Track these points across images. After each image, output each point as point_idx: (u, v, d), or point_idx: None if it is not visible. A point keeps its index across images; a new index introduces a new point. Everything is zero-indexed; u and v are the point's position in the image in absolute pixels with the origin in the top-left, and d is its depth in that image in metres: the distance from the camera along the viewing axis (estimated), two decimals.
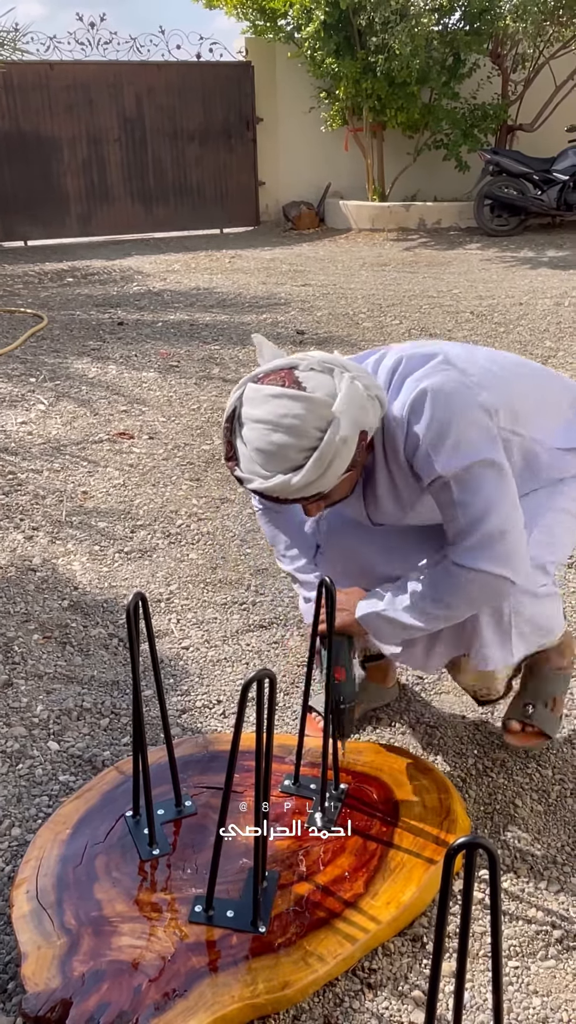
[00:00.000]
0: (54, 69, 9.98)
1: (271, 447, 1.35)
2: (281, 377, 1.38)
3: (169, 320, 6.21)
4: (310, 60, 9.76)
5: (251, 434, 1.37)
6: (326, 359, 1.41)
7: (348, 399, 1.35)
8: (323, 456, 1.34)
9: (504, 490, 1.45)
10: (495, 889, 1.04)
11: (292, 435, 1.33)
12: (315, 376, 1.38)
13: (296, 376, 1.37)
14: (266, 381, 1.38)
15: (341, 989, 1.44)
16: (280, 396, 1.34)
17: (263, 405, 1.36)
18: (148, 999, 1.32)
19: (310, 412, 1.33)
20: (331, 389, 1.36)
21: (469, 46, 9.36)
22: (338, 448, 1.34)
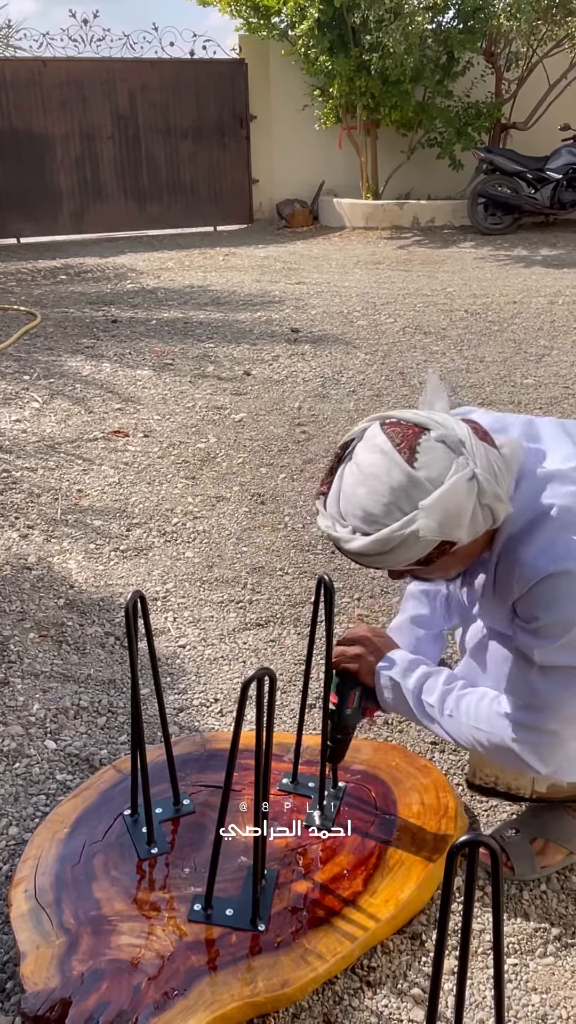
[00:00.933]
0: (47, 66, 9.94)
1: (353, 498, 1.24)
2: (404, 435, 1.23)
3: (163, 318, 6.20)
4: (304, 58, 9.74)
5: (348, 474, 1.27)
6: (465, 439, 1.23)
7: (445, 500, 1.19)
8: (387, 541, 1.21)
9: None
10: (496, 886, 1.04)
11: (374, 501, 1.22)
12: (438, 452, 1.21)
13: (418, 442, 1.22)
14: (389, 429, 1.24)
15: (340, 987, 1.44)
16: (387, 455, 1.21)
17: (370, 454, 1.24)
18: (147, 998, 1.32)
19: (403, 491, 1.20)
20: (441, 475, 1.20)
21: (463, 44, 9.35)
22: (407, 541, 1.21)
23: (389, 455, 1.21)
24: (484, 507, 1.23)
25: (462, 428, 1.24)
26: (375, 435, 1.25)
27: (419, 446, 1.21)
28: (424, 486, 1.19)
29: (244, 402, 4.41)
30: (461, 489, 1.19)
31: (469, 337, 5.51)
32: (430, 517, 1.19)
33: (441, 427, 1.23)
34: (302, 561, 2.86)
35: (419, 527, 1.19)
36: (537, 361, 4.97)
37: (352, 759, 1.83)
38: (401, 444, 1.22)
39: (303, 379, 4.75)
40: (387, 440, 1.23)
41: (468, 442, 1.22)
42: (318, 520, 1.31)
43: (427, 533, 1.19)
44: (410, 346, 5.34)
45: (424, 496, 1.19)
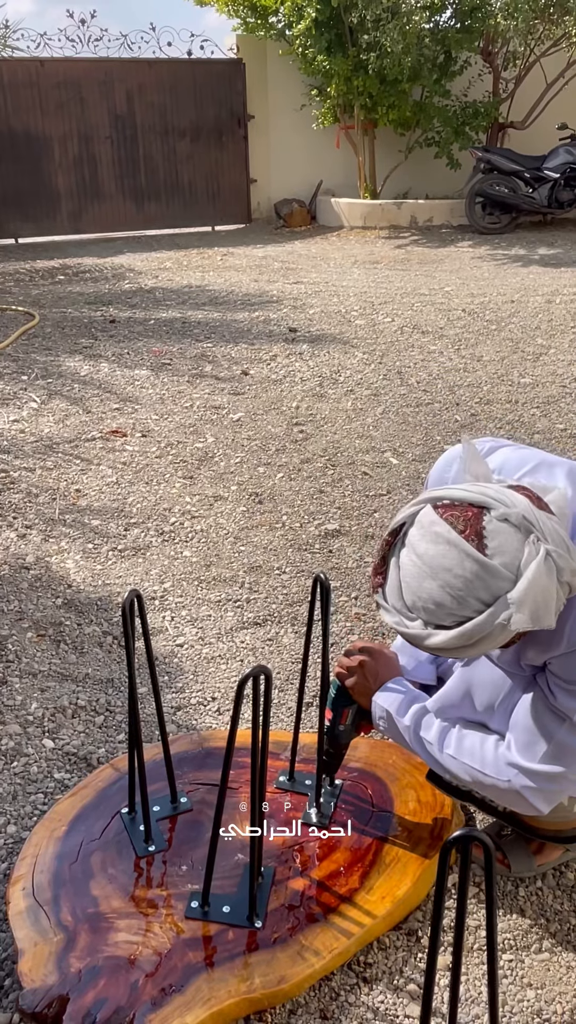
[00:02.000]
0: (44, 66, 9.94)
1: (421, 592, 1.17)
2: (466, 518, 1.15)
3: (161, 318, 6.20)
4: (301, 57, 9.75)
5: (407, 564, 1.19)
6: (528, 513, 1.15)
7: (533, 590, 1.12)
8: (473, 633, 1.14)
9: None
10: (490, 881, 1.05)
11: (448, 595, 1.14)
12: (505, 533, 1.14)
13: (482, 526, 1.14)
14: (447, 514, 1.17)
15: (337, 983, 1.45)
16: (453, 546, 1.14)
17: (432, 543, 1.16)
18: (145, 995, 1.33)
19: (480, 580, 1.13)
20: (516, 557, 1.13)
21: (460, 44, 9.36)
22: (494, 633, 1.14)
23: (457, 545, 1.14)
24: (563, 584, 1.17)
25: (522, 501, 1.17)
26: (433, 521, 1.17)
27: (485, 530, 1.14)
28: (501, 573, 1.13)
29: (242, 402, 4.41)
30: (542, 573, 1.13)
31: (467, 336, 5.52)
32: (522, 610, 1.12)
33: (501, 504, 1.16)
34: (299, 560, 2.87)
35: (512, 622, 1.12)
36: (534, 360, 4.97)
37: (349, 757, 1.84)
38: (466, 531, 1.15)
39: (301, 378, 4.76)
40: (449, 528, 1.16)
41: (532, 516, 1.16)
42: (383, 616, 1.23)
43: (520, 626, 1.12)
44: (408, 345, 5.34)
45: (502, 583, 1.13)
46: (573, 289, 6.76)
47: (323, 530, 3.06)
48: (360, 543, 2.98)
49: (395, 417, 4.15)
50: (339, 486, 3.43)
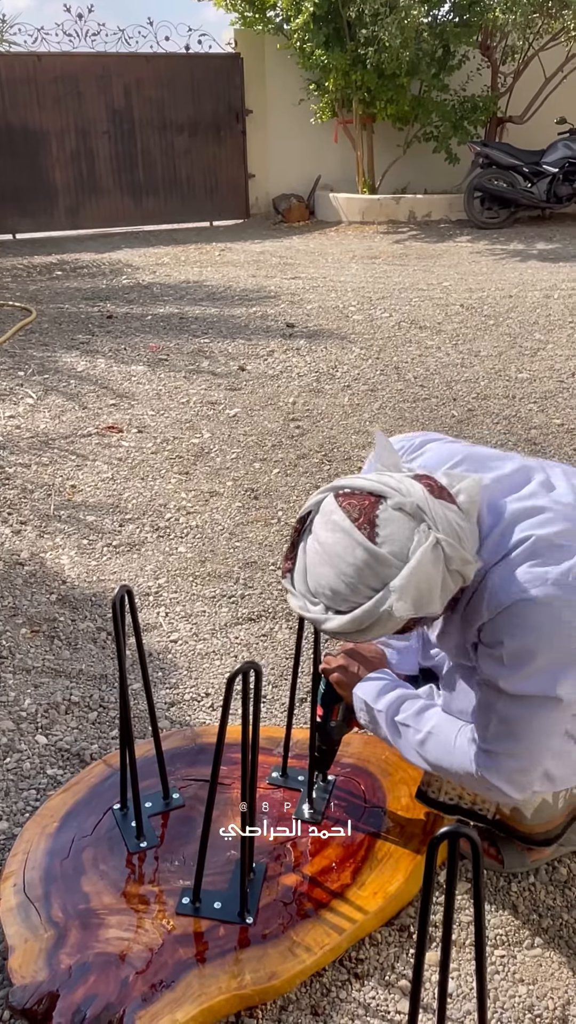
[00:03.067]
0: (42, 61, 9.90)
1: (320, 578, 1.21)
2: (362, 507, 1.20)
3: (158, 313, 6.19)
4: (299, 52, 9.71)
5: (310, 551, 1.23)
6: (423, 503, 1.19)
7: (415, 577, 1.15)
8: (362, 620, 1.19)
9: (553, 723, 1.30)
10: (477, 877, 1.04)
11: (341, 581, 1.19)
12: (398, 522, 1.18)
13: (376, 514, 1.18)
14: (344, 503, 1.21)
15: (328, 979, 1.45)
16: (347, 533, 1.18)
17: (329, 531, 1.20)
18: (135, 991, 1.32)
19: (369, 568, 1.17)
20: (404, 547, 1.17)
21: (459, 38, 9.32)
22: (381, 619, 1.18)
23: (349, 532, 1.18)
24: (453, 572, 1.20)
25: (417, 490, 1.21)
26: (332, 510, 1.22)
27: (378, 518, 1.18)
28: (389, 561, 1.17)
29: (238, 397, 4.41)
30: (428, 561, 1.16)
31: (464, 331, 5.51)
32: (403, 598, 1.16)
33: (396, 493, 1.20)
34: None
35: (395, 610, 1.16)
36: (532, 355, 4.96)
37: (341, 753, 1.84)
38: (359, 519, 1.19)
39: (298, 374, 4.75)
40: (344, 516, 1.19)
41: (426, 505, 1.19)
42: (288, 600, 1.27)
43: (402, 613, 1.16)
44: (405, 341, 5.33)
45: (390, 571, 1.17)
46: (571, 284, 6.75)
47: None
48: None
49: (392, 412, 4.14)
50: None
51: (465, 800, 1.56)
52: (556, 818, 1.52)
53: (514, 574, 1.25)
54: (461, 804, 1.57)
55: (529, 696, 1.27)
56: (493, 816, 1.54)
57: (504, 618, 1.26)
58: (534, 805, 1.49)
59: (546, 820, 1.51)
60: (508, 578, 1.26)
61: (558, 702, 1.27)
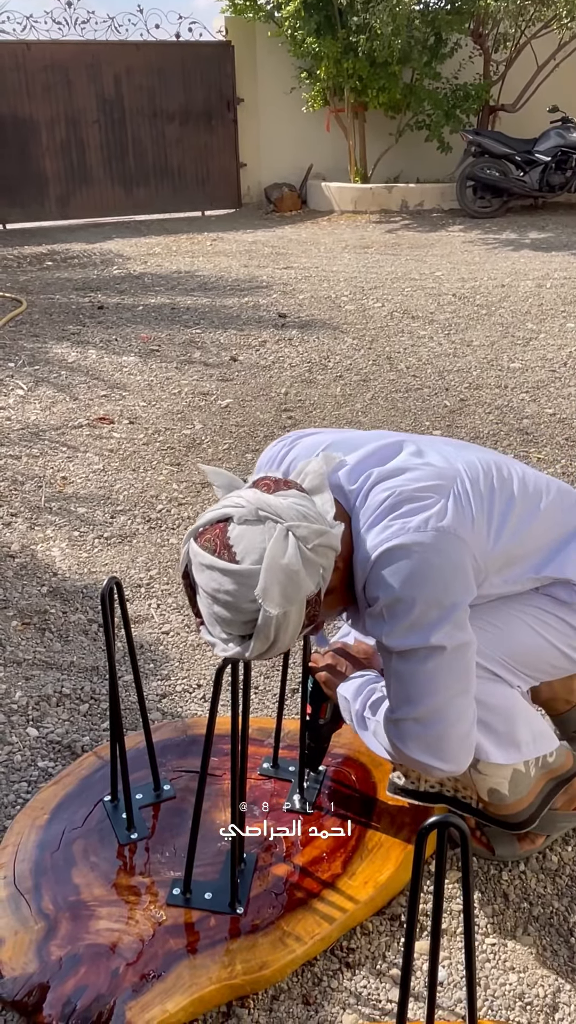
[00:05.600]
0: (31, 49, 9.82)
1: (216, 618, 1.24)
2: (214, 538, 1.23)
3: (150, 304, 6.16)
4: (291, 40, 9.64)
5: (202, 601, 1.26)
6: (260, 504, 1.22)
7: (271, 572, 1.18)
8: (263, 633, 1.20)
9: (445, 677, 1.31)
10: (466, 866, 1.04)
11: (229, 610, 1.21)
12: (247, 533, 1.21)
13: (228, 537, 1.22)
14: (202, 541, 1.24)
15: (320, 968, 1.45)
16: (211, 568, 1.21)
17: (201, 574, 1.24)
18: (126, 982, 1.32)
19: (241, 586, 1.19)
20: (261, 552, 1.20)
21: (450, 25, 9.27)
22: (278, 622, 1.20)
23: (213, 566, 1.21)
24: (314, 549, 1.21)
25: (250, 495, 1.24)
26: (196, 553, 1.24)
27: (229, 539, 1.21)
28: (253, 572, 1.19)
29: (230, 388, 4.39)
30: (279, 553, 1.18)
31: (457, 321, 5.49)
32: (270, 597, 1.18)
33: (236, 508, 1.23)
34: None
35: (269, 609, 1.18)
36: (524, 345, 4.96)
37: (333, 743, 1.83)
38: (216, 548, 1.22)
39: (290, 364, 4.73)
40: (205, 553, 1.22)
41: (264, 504, 1.22)
42: (216, 651, 1.28)
43: (278, 610, 1.18)
44: (398, 331, 5.32)
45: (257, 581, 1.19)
46: (564, 273, 6.74)
47: None
48: None
49: (384, 403, 4.13)
50: None
51: (447, 787, 1.56)
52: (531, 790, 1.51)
53: (377, 528, 1.31)
54: (444, 792, 1.56)
55: (413, 649, 1.29)
56: (476, 804, 1.54)
57: (374, 573, 1.30)
58: (506, 777, 1.48)
59: (524, 792, 1.50)
60: (374, 534, 1.31)
61: (441, 650, 1.29)
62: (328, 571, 1.25)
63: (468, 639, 1.31)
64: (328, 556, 1.24)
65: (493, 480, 1.43)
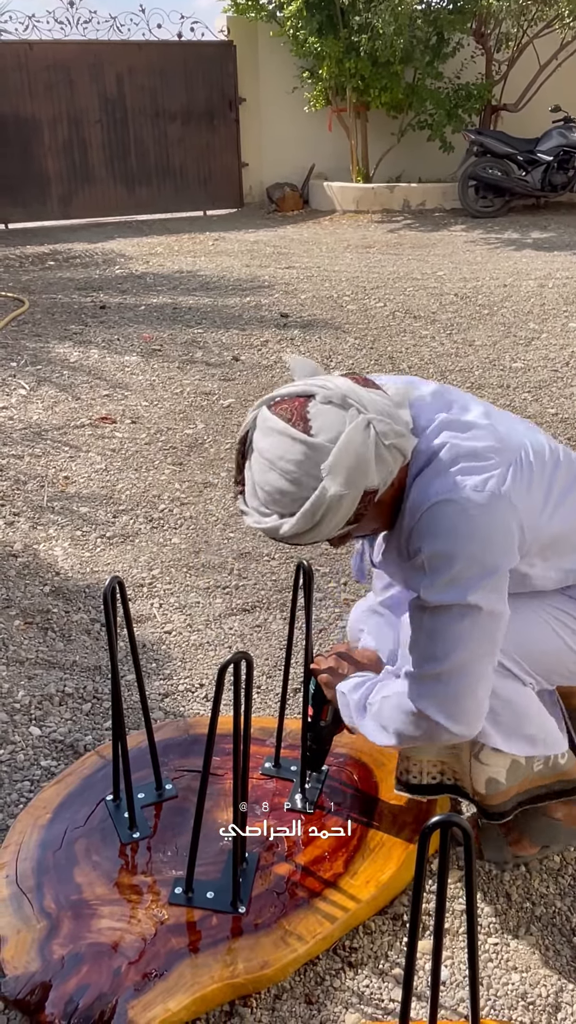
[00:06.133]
0: (33, 49, 9.82)
1: (268, 487, 1.24)
2: (292, 409, 1.24)
3: (152, 303, 6.16)
4: (293, 39, 9.64)
5: (255, 465, 1.27)
6: (349, 392, 1.23)
7: (345, 453, 1.19)
8: (313, 511, 1.20)
9: (476, 638, 1.30)
10: (470, 865, 1.04)
11: (287, 480, 1.22)
12: (328, 412, 1.22)
13: (307, 411, 1.23)
14: (277, 410, 1.25)
15: (322, 968, 1.45)
16: (282, 434, 1.22)
17: (267, 438, 1.24)
18: (128, 981, 1.33)
19: (307, 459, 1.20)
20: (338, 432, 1.21)
21: (452, 25, 9.27)
22: (331, 504, 1.20)
23: (285, 432, 1.22)
24: (389, 448, 1.23)
25: (343, 382, 1.26)
26: (266, 419, 1.26)
27: (309, 413, 1.23)
28: (325, 448, 1.20)
29: (232, 388, 4.39)
30: (357, 438, 1.20)
31: (459, 321, 5.49)
32: (335, 475, 1.19)
33: (323, 388, 1.25)
34: (288, 547, 2.85)
35: (329, 487, 1.19)
36: (526, 344, 4.95)
37: (335, 743, 1.83)
38: (292, 419, 1.23)
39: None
40: (278, 419, 1.24)
41: (353, 393, 1.24)
42: (245, 520, 1.30)
43: (338, 490, 1.19)
44: (399, 330, 5.32)
45: (326, 458, 1.20)
46: (566, 273, 6.73)
47: None
48: None
49: None
50: None
51: (447, 777, 1.54)
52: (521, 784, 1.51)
53: (435, 479, 1.30)
54: (444, 781, 1.55)
55: (448, 605, 1.29)
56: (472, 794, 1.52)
57: (424, 522, 1.30)
58: (505, 767, 1.47)
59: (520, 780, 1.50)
60: (429, 483, 1.30)
61: (477, 611, 1.28)
62: (392, 476, 1.27)
63: (503, 609, 1.31)
64: (397, 461, 1.26)
65: (560, 456, 1.42)
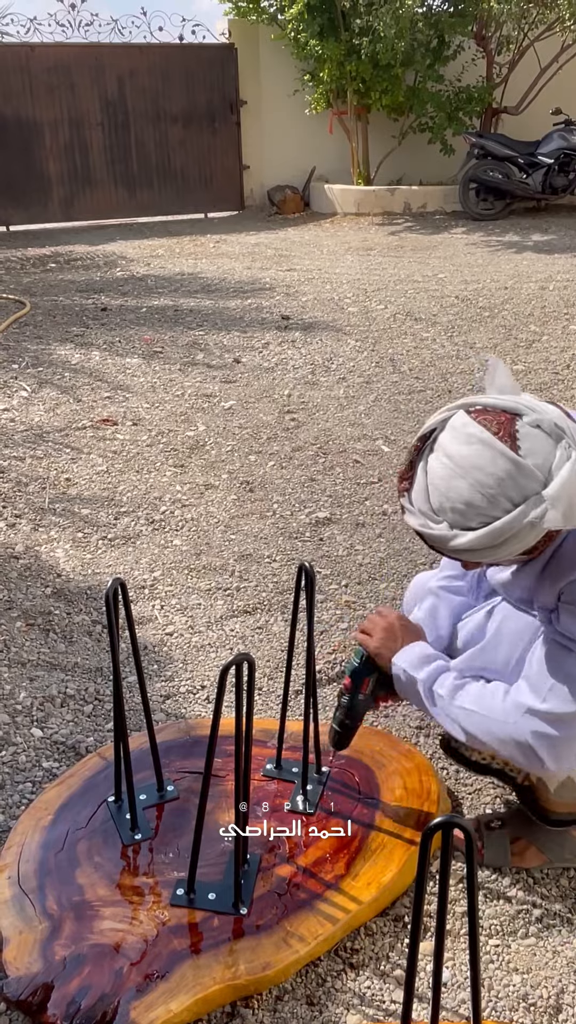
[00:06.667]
0: (35, 51, 9.83)
1: (451, 492, 1.17)
2: (499, 422, 1.17)
3: (153, 306, 6.17)
4: (294, 42, 9.65)
5: (437, 466, 1.20)
6: (560, 420, 1.17)
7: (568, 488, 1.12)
8: (502, 532, 1.15)
9: None
10: (471, 867, 1.05)
11: (479, 494, 1.15)
12: (538, 438, 1.16)
13: (516, 428, 1.17)
14: (480, 418, 1.19)
15: (324, 969, 1.45)
16: (487, 445, 1.15)
17: (464, 444, 1.17)
18: (129, 982, 1.33)
19: (512, 479, 1.14)
20: (548, 460, 1.15)
21: (453, 28, 9.27)
22: (522, 532, 1.15)
23: (491, 445, 1.15)
24: None
25: (553, 410, 1.19)
26: (465, 424, 1.19)
27: (518, 433, 1.16)
28: (533, 474, 1.14)
29: (233, 390, 4.40)
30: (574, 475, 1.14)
31: (460, 323, 5.50)
32: (556, 507, 1.12)
33: (533, 411, 1.18)
34: (290, 548, 2.86)
35: (545, 519, 1.13)
36: (527, 347, 4.96)
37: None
38: (499, 432, 1.16)
39: (293, 366, 4.74)
40: (482, 428, 1.17)
41: (564, 424, 1.17)
42: (406, 519, 1.24)
43: (554, 524, 1.13)
44: (400, 333, 5.32)
45: (532, 484, 1.14)
46: (567, 275, 6.74)
47: (314, 518, 3.06)
48: (351, 531, 2.97)
49: (387, 405, 4.14)
50: (330, 474, 3.42)
51: (497, 761, 1.53)
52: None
53: None
54: (492, 765, 1.54)
55: None
56: (522, 781, 1.51)
57: None
58: (559, 780, 1.46)
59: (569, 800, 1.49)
60: None
61: None
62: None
63: None
64: None
65: None
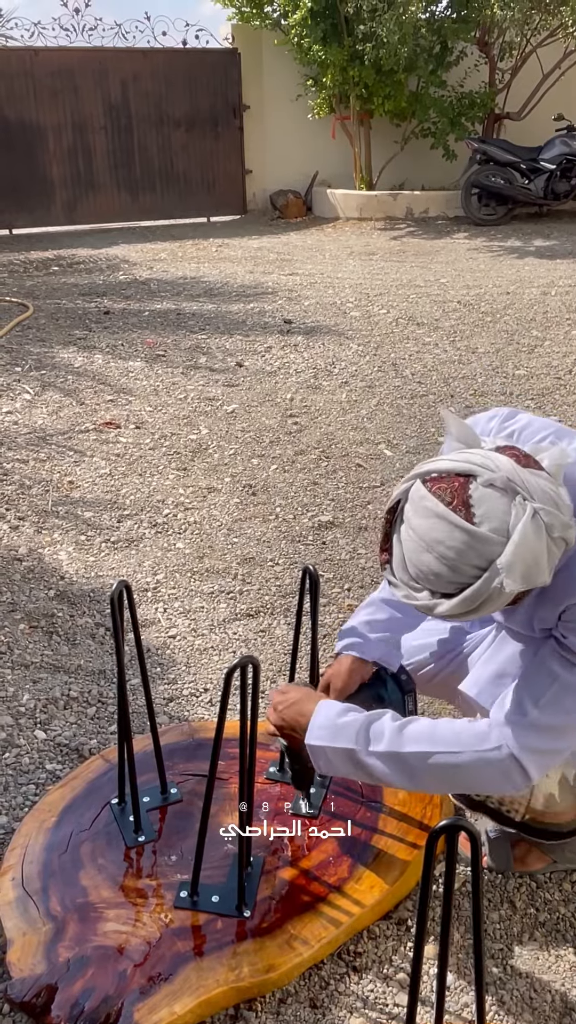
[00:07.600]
0: (39, 55, 9.87)
1: (423, 567, 1.19)
2: (452, 491, 1.17)
3: (156, 309, 6.18)
4: (297, 47, 9.69)
5: (407, 541, 1.21)
6: (512, 475, 1.16)
7: (520, 552, 1.13)
8: (476, 597, 1.16)
9: None
10: (476, 870, 1.05)
11: (444, 566, 1.17)
12: (492, 499, 1.15)
13: (468, 494, 1.16)
14: (435, 488, 1.19)
15: (327, 972, 1.45)
16: (442, 518, 1.16)
17: (423, 518, 1.18)
18: (133, 983, 1.33)
19: (471, 549, 1.15)
20: (503, 522, 1.14)
21: (456, 34, 9.30)
22: (491, 596, 1.16)
23: (445, 517, 1.16)
24: (556, 540, 1.17)
25: (504, 463, 1.18)
26: (422, 496, 1.19)
27: (471, 499, 1.16)
28: (491, 539, 1.14)
29: (236, 393, 4.40)
30: (530, 533, 1.14)
31: (462, 328, 5.51)
32: (511, 574, 1.13)
33: (484, 470, 1.17)
34: (292, 552, 2.86)
35: (505, 586, 1.13)
36: (529, 352, 4.97)
37: None
38: (453, 502, 1.16)
39: (295, 370, 4.74)
40: (436, 501, 1.17)
41: (517, 477, 1.16)
42: (392, 591, 1.26)
43: (513, 588, 1.14)
44: (403, 337, 5.33)
45: (494, 548, 1.14)
46: (569, 281, 6.75)
47: (317, 522, 3.06)
48: (353, 535, 2.98)
49: (389, 409, 4.15)
50: (333, 478, 3.42)
51: (492, 800, 1.51)
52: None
53: None
54: (488, 804, 1.52)
55: None
56: (522, 818, 1.49)
57: None
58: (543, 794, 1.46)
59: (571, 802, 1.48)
60: None
61: None
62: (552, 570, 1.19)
63: None
64: (560, 549, 1.19)
65: None
